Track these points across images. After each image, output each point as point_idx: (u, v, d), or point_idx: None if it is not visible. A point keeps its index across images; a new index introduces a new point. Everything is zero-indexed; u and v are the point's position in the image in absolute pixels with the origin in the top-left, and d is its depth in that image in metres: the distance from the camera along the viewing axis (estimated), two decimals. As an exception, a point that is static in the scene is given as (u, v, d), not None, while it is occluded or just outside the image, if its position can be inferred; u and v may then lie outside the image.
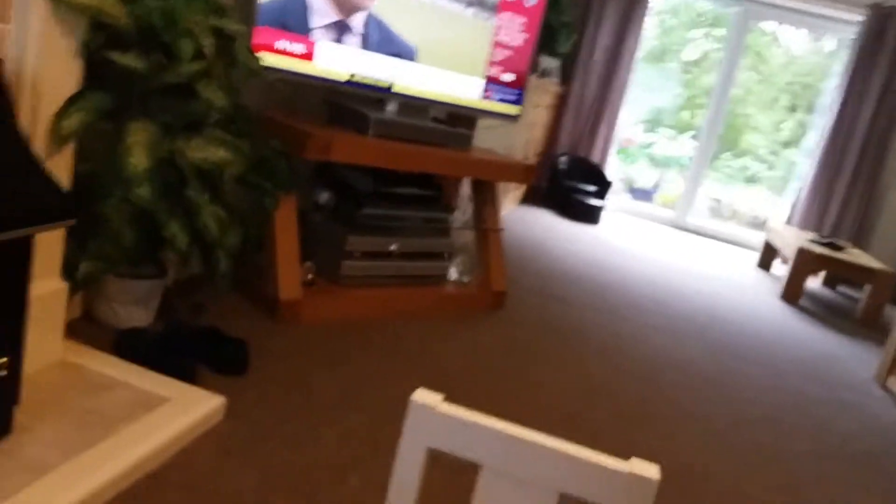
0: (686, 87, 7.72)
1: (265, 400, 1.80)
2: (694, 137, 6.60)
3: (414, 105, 2.69)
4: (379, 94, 2.56)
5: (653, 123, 7.77)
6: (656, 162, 7.79)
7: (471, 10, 2.72)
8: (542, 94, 5.22)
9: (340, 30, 2.43)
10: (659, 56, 7.77)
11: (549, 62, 5.54)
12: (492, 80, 2.86)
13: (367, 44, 2.49)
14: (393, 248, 2.59)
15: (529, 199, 5.79)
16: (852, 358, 3.51)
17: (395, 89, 2.56)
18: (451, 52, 2.72)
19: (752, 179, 7.21)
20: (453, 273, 2.83)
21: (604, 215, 5.69)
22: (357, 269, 2.52)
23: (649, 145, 7.85)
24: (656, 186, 7.70)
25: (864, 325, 4.20)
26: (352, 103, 2.54)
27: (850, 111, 5.59)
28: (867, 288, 4.35)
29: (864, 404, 2.88)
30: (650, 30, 7.11)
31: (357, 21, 2.46)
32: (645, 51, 7.34)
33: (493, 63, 2.83)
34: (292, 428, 1.71)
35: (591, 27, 5.93)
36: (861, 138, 5.58)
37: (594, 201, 5.63)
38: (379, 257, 2.57)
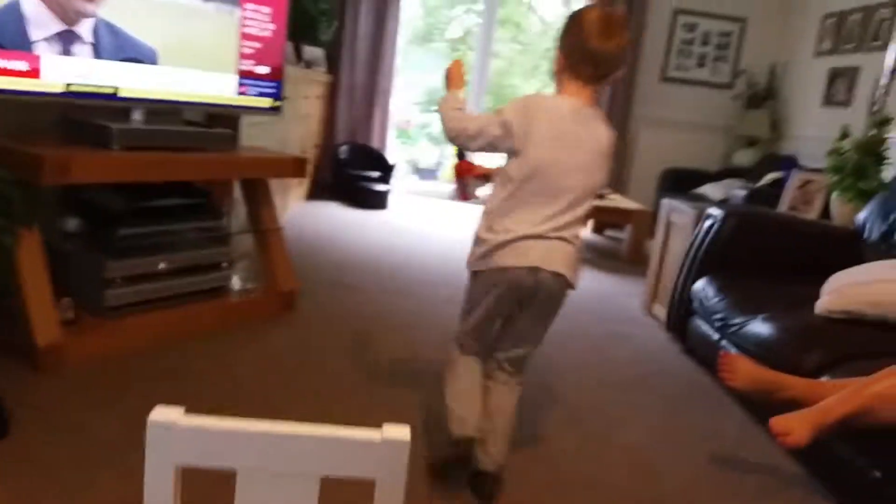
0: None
1: (34, 457, 1.63)
2: (464, 112, 6.86)
3: (162, 110, 2.54)
4: (121, 104, 2.39)
5: (428, 103, 7.99)
6: (436, 140, 8.03)
7: (211, 5, 2.60)
8: (311, 84, 5.16)
9: (68, 40, 2.22)
10: (426, 37, 7.98)
11: (313, 51, 5.49)
12: (245, 75, 2.77)
13: (99, 52, 2.30)
14: (161, 266, 2.44)
15: (315, 193, 5.73)
16: (621, 293, 3.89)
17: (125, 93, 2.35)
18: (196, 50, 2.60)
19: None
20: (236, 282, 2.73)
21: (391, 199, 5.77)
22: (123, 297, 2.34)
23: (427, 125, 8.08)
24: (439, 164, 7.96)
25: (630, 262, 4.67)
26: (91, 117, 2.34)
27: (593, 71, 6.11)
28: (628, 228, 4.83)
29: (634, 333, 3.20)
30: (414, 11, 7.28)
31: (85, 29, 2.26)
32: (411, 33, 7.51)
33: (244, 57, 2.74)
34: (67, 477, 1.56)
35: (350, 13, 5.93)
36: (607, 91, 6.12)
37: (380, 187, 5.69)
38: (148, 279, 2.41)
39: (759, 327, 2.29)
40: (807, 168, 4.03)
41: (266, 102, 2.89)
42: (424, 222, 5.22)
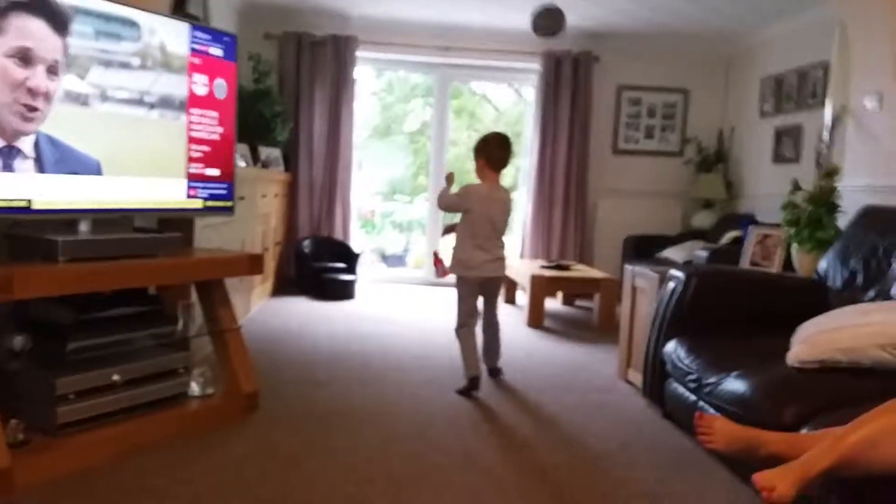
0: (415, 154, 8.17)
1: None
2: (426, 199, 6.94)
3: (110, 219, 2.50)
4: (67, 216, 2.35)
5: (390, 192, 8.10)
6: (401, 227, 8.09)
7: (155, 113, 2.61)
8: (269, 183, 5.19)
9: (9, 155, 2.20)
10: (384, 131, 8.17)
11: (270, 152, 5.55)
12: (195, 178, 2.75)
13: (42, 166, 2.28)
14: (115, 378, 2.34)
15: (280, 289, 5.67)
16: (595, 362, 3.83)
17: (39, 206, 2.28)
18: (143, 157, 2.58)
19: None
20: (195, 387, 2.63)
21: (358, 289, 5.73)
22: (76, 413, 2.22)
23: (390, 213, 8.15)
24: (406, 250, 7.98)
25: (602, 331, 4.63)
26: (36, 232, 2.29)
27: (548, 147, 6.27)
28: (597, 297, 4.82)
29: (612, 401, 3.13)
30: (371, 108, 7.47)
31: (27, 144, 2.25)
32: (370, 128, 7.69)
33: (192, 160, 2.74)
34: None
35: (305, 114, 6.05)
36: (563, 169, 6.26)
37: (346, 277, 5.66)
38: (101, 392, 2.30)
39: (734, 385, 2.25)
40: (764, 224, 4.09)
41: (217, 203, 2.87)
42: (394, 308, 5.16)
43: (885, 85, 3.36)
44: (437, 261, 3.46)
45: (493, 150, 3.27)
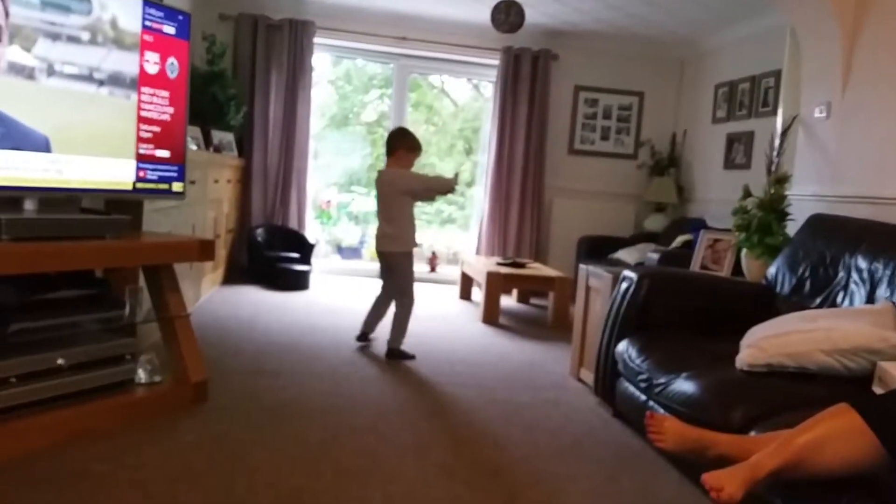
0: (372, 146, 8.09)
1: None
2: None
3: (57, 199, 2.40)
4: (12, 193, 2.25)
5: (347, 184, 8.00)
6: (357, 219, 8.01)
7: (105, 90, 2.52)
8: (221, 168, 5.07)
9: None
10: (342, 121, 8.07)
11: (223, 136, 5.43)
12: (145, 159, 2.67)
13: (-15, 140, 2.17)
14: (59, 362, 2.26)
15: (232, 277, 5.56)
16: (549, 360, 3.86)
17: (13, 182, 2.20)
18: (91, 136, 2.49)
19: (447, 221, 7.74)
20: (141, 374, 2.55)
21: (312, 279, 5.66)
22: (17, 397, 2.14)
23: (347, 204, 8.06)
24: (362, 242, 7.91)
25: (556, 329, 4.67)
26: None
27: (506, 145, 6.29)
28: (551, 295, 4.86)
29: (564, 399, 3.15)
30: (327, 97, 7.36)
31: (-30, 118, 2.14)
32: (328, 117, 7.59)
33: (142, 141, 2.65)
34: None
35: (260, 99, 5.94)
36: (520, 166, 6.29)
37: (299, 267, 5.58)
38: (44, 376, 2.22)
39: (684, 386, 2.28)
40: (715, 228, 4.18)
41: (168, 186, 2.79)
42: (348, 300, 5.10)
43: (834, 95, 3.46)
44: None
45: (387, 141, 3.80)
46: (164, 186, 2.76)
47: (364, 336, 3.87)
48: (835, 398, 1.70)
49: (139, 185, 2.66)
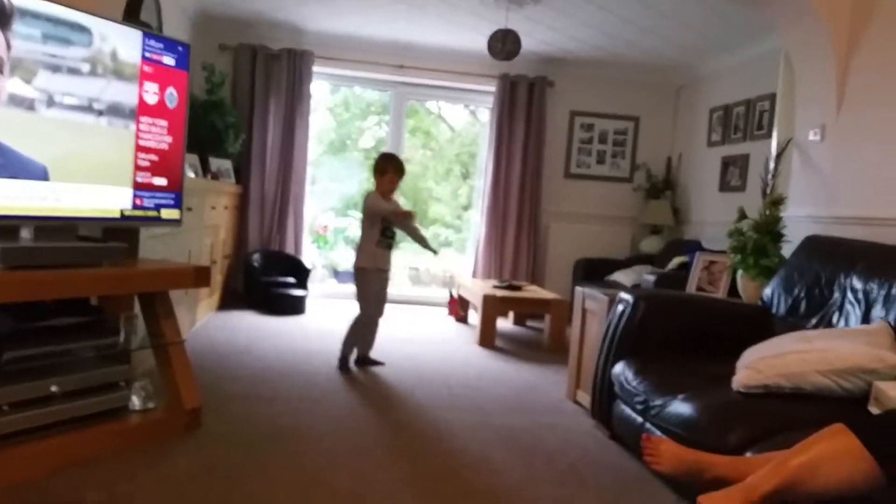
0: (370, 171, 8.12)
1: None
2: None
3: (53, 227, 2.41)
4: (9, 222, 2.25)
5: (344, 209, 8.04)
6: (353, 243, 8.02)
7: (104, 120, 2.54)
8: (218, 195, 5.10)
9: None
10: (339, 147, 8.13)
11: (221, 163, 5.46)
12: (142, 187, 2.68)
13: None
14: (53, 389, 2.25)
15: (228, 302, 5.56)
16: (545, 383, 3.85)
17: (10, 212, 2.22)
18: (89, 165, 2.50)
19: (443, 244, 7.76)
20: (135, 401, 2.54)
21: (308, 304, 5.65)
22: (11, 425, 2.13)
23: (344, 229, 8.09)
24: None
25: (552, 351, 4.66)
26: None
27: (502, 169, 6.32)
28: (547, 318, 4.86)
29: (560, 422, 3.14)
30: (325, 123, 7.42)
31: (-35, 147, 2.16)
32: (325, 144, 7.64)
33: (140, 169, 2.67)
34: None
35: (258, 126, 5.99)
36: (517, 190, 6.32)
37: (296, 292, 5.58)
38: (38, 404, 2.21)
39: (680, 408, 2.28)
40: (710, 250, 4.19)
41: (166, 214, 2.80)
42: (344, 325, 5.07)
43: (828, 117, 3.49)
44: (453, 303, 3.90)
45: (379, 164, 3.97)
46: (160, 214, 2.77)
47: (363, 360, 3.91)
48: (831, 419, 1.70)
49: (135, 213, 2.67)
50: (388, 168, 3.86)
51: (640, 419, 2.53)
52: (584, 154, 6.64)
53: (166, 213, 2.80)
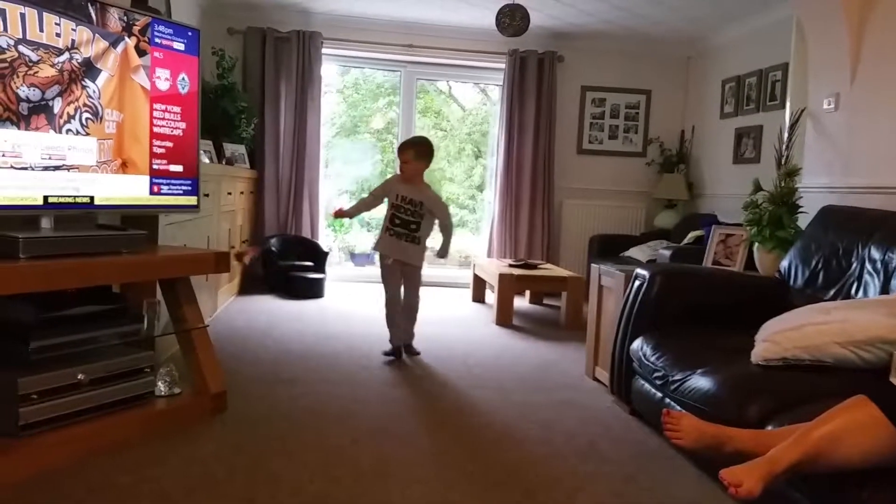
0: (382, 152, 8.12)
1: None
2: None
3: (74, 216, 2.44)
4: (30, 212, 2.29)
5: (358, 192, 8.05)
6: (369, 226, 8.04)
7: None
8: (234, 180, 5.12)
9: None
10: (351, 130, 8.11)
11: (235, 148, 5.48)
12: (158, 174, 2.71)
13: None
14: (80, 377, 2.29)
15: (247, 287, 5.61)
16: (564, 360, 3.87)
17: (32, 202, 2.26)
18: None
19: (457, 225, 7.75)
20: (161, 386, 2.59)
21: (326, 287, 5.69)
22: (39, 413, 2.17)
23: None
24: (374, 249, 7.92)
25: (569, 328, 4.68)
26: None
27: (514, 147, 6.30)
28: (564, 295, 4.86)
29: (579, 399, 3.16)
30: (336, 107, 7.40)
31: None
32: (338, 126, 7.63)
33: (155, 156, 2.69)
34: None
35: (270, 111, 5.99)
36: (529, 167, 6.30)
37: (314, 275, 5.61)
38: (65, 392, 2.25)
39: (700, 382, 2.29)
40: (726, 223, 4.17)
41: (183, 200, 2.83)
42: (362, 307, 5.13)
43: (842, 86, 3.45)
44: None
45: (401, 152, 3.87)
46: (178, 200, 2.79)
47: (406, 349, 3.83)
48: (852, 390, 1.70)
49: (154, 200, 2.69)
50: (401, 149, 3.84)
51: (659, 394, 2.54)
52: (596, 129, 6.60)
53: (184, 200, 2.83)
